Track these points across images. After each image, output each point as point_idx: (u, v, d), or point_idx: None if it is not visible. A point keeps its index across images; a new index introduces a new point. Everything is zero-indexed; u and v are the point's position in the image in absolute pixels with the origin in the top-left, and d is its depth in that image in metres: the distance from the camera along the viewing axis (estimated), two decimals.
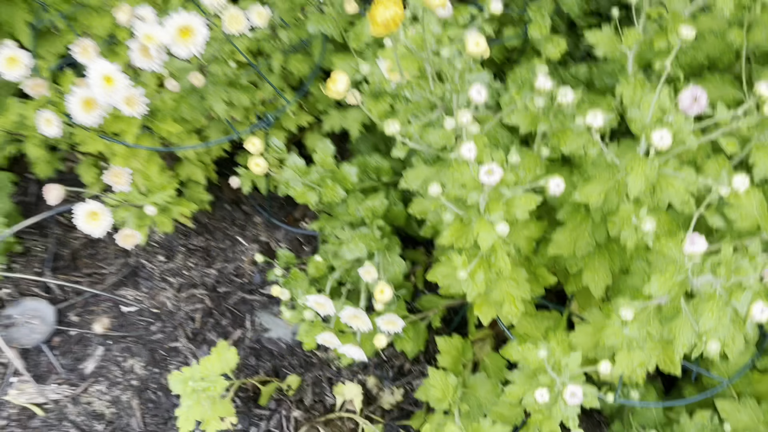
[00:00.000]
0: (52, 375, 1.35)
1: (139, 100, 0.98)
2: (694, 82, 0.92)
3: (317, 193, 1.10)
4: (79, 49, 1.00)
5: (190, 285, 1.47)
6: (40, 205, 1.48)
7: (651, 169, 0.79)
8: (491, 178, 0.78)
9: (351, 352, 1.07)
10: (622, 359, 0.89)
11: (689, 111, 0.77)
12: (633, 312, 0.80)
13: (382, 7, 0.68)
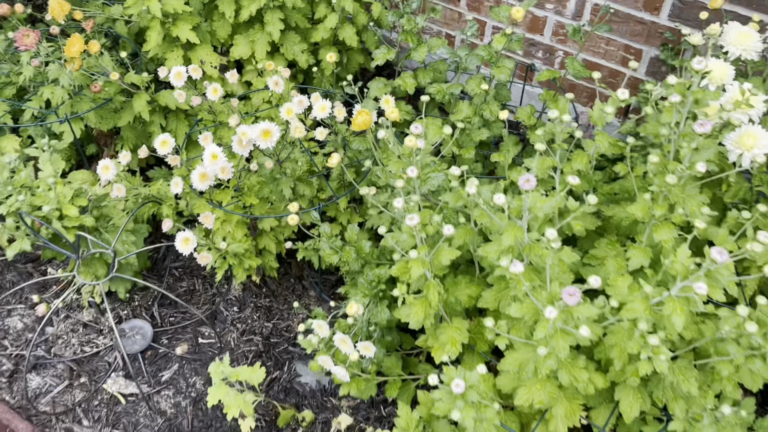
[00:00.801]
0: (139, 376, 1.81)
1: (229, 170, 1.51)
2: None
3: (338, 255, 1.54)
4: (203, 138, 1.57)
5: (251, 332, 1.91)
6: (165, 259, 2.05)
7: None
8: (420, 234, 1.18)
9: (339, 373, 1.43)
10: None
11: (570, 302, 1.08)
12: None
13: (360, 115, 1.16)
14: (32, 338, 1.66)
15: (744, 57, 1.41)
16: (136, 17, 2.01)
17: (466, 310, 1.35)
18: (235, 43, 2.10)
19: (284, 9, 2.03)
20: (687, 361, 1.21)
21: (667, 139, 1.30)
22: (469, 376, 1.18)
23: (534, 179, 1.06)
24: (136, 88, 1.94)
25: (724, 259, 1.02)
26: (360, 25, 2.09)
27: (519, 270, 1.10)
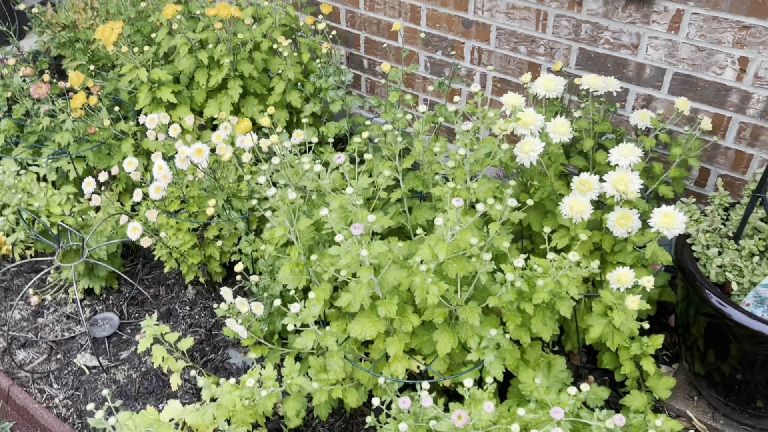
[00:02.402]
0: (102, 355, 2.25)
1: (170, 176, 2.03)
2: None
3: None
4: (154, 156, 2.11)
5: (197, 325, 2.35)
6: (139, 273, 2.54)
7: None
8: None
9: (239, 330, 1.85)
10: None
11: None
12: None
13: (242, 122, 1.68)
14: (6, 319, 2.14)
15: (547, 96, 1.90)
16: (129, 84, 2.64)
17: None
18: (207, 105, 2.69)
19: (244, 78, 2.62)
20: (475, 303, 1.60)
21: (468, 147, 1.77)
22: (314, 311, 1.60)
23: (343, 157, 1.54)
24: (125, 135, 2.53)
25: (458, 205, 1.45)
26: (307, 92, 2.67)
27: (326, 213, 1.55)
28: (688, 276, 1.74)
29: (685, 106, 1.98)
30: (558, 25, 2.28)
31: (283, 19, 2.70)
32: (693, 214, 1.83)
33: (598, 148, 2.12)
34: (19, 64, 2.82)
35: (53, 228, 2.08)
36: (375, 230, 1.64)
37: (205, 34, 2.58)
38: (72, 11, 3.11)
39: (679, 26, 2.03)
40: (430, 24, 2.62)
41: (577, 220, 1.67)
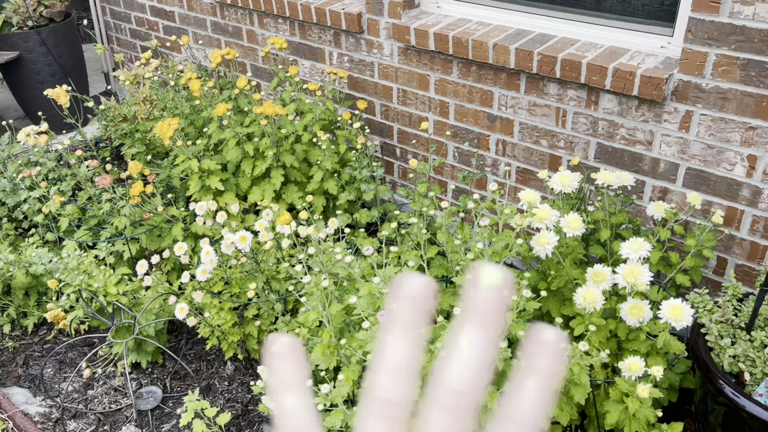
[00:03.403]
0: (146, 427, 2.39)
1: (216, 261, 2.21)
2: None
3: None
4: (203, 242, 2.30)
5: (234, 400, 2.48)
6: (182, 348, 2.71)
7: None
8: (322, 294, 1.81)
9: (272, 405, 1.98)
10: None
11: None
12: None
13: (282, 216, 1.87)
14: (65, 388, 2.31)
15: (563, 191, 2.04)
16: (182, 172, 2.89)
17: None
18: (251, 192, 2.91)
19: (285, 168, 2.85)
20: (494, 388, 1.70)
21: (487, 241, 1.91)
22: (343, 392, 1.72)
23: (372, 249, 1.70)
24: (176, 219, 2.75)
25: None
26: (342, 180, 2.88)
27: (356, 301, 1.69)
28: (702, 366, 1.81)
29: (697, 200, 2.10)
30: (576, 122, 2.45)
31: (323, 114, 2.95)
32: (706, 304, 1.91)
33: (616, 237, 2.23)
34: (84, 153, 3.12)
35: (109, 307, 2.28)
36: None
37: (252, 128, 2.83)
38: (133, 104, 3.44)
39: (689, 125, 2.17)
40: (458, 118, 2.83)
41: (590, 309, 1.77)
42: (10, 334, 2.84)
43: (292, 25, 3.31)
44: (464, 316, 0.31)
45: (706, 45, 2.03)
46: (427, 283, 0.32)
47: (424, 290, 0.32)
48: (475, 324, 0.30)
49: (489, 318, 0.31)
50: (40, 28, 4.30)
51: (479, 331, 0.30)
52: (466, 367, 0.31)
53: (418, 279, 0.32)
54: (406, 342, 0.31)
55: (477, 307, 0.31)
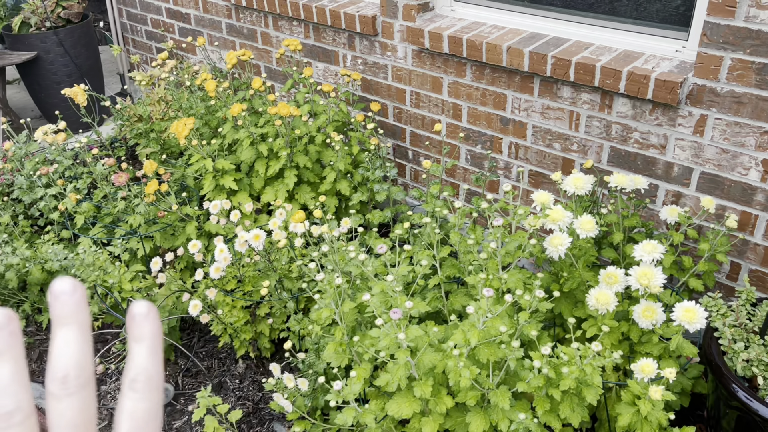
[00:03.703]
0: None
1: (229, 259, 2.23)
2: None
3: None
4: (217, 240, 2.32)
5: (245, 398, 2.49)
6: (194, 346, 2.73)
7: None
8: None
9: (285, 405, 1.99)
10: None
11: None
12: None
13: (297, 214, 1.89)
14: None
15: (577, 193, 2.04)
16: (196, 172, 2.92)
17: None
18: (265, 192, 2.93)
19: (298, 168, 2.87)
20: (506, 388, 1.71)
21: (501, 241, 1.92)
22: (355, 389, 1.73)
23: (385, 248, 1.71)
24: (190, 218, 2.78)
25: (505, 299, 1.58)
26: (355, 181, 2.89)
27: (369, 298, 1.70)
28: (716, 369, 1.81)
29: (711, 204, 2.09)
30: (590, 125, 2.45)
31: (336, 115, 2.97)
32: (719, 308, 1.91)
33: (628, 240, 2.23)
34: (100, 152, 3.16)
35: (123, 303, 2.30)
36: (413, 314, 1.79)
37: (266, 129, 2.85)
38: (148, 104, 3.47)
39: (703, 130, 2.17)
40: (471, 121, 2.84)
41: (603, 311, 1.77)
42: (25, 329, 2.87)
43: (307, 27, 3.33)
44: (55, 323, 0.37)
45: (722, 49, 2.03)
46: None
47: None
48: (62, 326, 0.37)
49: (70, 317, 0.37)
50: (57, 29, 4.35)
51: (67, 330, 0.37)
52: (66, 356, 0.36)
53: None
54: (10, 359, 0.36)
55: (60, 312, 0.37)
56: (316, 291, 1.92)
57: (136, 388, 0.38)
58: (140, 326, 0.38)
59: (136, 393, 0.38)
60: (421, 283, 1.93)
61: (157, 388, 0.38)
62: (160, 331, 0.39)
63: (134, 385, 0.38)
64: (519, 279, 1.82)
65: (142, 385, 0.38)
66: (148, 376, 0.38)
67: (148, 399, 0.38)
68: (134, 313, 0.38)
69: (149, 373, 0.38)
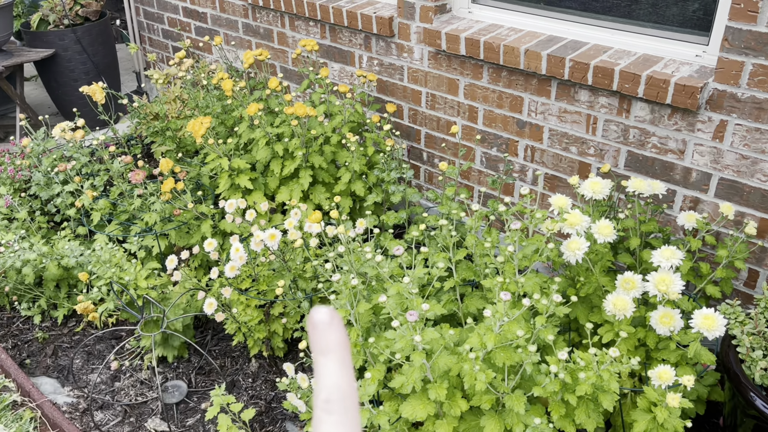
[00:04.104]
0: (170, 420, 2.42)
1: (245, 257, 2.24)
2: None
3: None
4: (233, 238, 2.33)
5: (258, 397, 2.50)
6: (208, 344, 2.74)
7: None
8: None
9: (298, 405, 1.99)
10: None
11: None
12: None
13: (313, 215, 1.88)
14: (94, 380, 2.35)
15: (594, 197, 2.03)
16: (211, 171, 2.93)
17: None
18: (279, 191, 2.94)
19: (314, 169, 2.87)
20: (521, 392, 1.70)
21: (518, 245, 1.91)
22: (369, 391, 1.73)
23: (402, 249, 1.70)
24: (205, 216, 2.79)
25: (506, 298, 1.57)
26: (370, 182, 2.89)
27: (385, 300, 1.70)
28: (733, 377, 1.79)
29: (730, 211, 2.08)
30: (607, 129, 2.44)
31: (352, 116, 2.97)
32: (738, 315, 1.89)
33: (645, 246, 2.21)
34: (116, 150, 3.18)
35: (139, 300, 2.31)
36: (428, 317, 1.78)
37: (282, 128, 2.86)
38: (164, 102, 3.49)
39: (723, 135, 2.15)
40: (487, 123, 2.83)
41: (620, 317, 1.76)
42: (40, 325, 2.89)
43: (323, 27, 3.34)
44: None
45: (743, 54, 2.01)
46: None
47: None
48: (322, 355, 0.37)
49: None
50: (75, 27, 4.39)
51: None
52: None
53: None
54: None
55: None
56: (331, 291, 1.93)
57: (332, 409, 0.35)
58: (324, 336, 0.36)
59: (331, 415, 0.35)
60: (437, 286, 1.92)
61: (353, 407, 0.36)
62: (347, 340, 0.37)
63: (329, 406, 0.35)
64: (536, 283, 1.82)
65: (337, 405, 0.35)
66: (342, 394, 0.36)
67: (346, 421, 0.35)
68: (316, 321, 0.37)
69: (343, 390, 0.36)
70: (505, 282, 1.80)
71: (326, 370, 0.36)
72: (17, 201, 3.04)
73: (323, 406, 0.36)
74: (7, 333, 2.88)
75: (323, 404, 0.36)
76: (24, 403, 2.48)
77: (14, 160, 3.23)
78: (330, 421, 0.35)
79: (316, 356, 0.37)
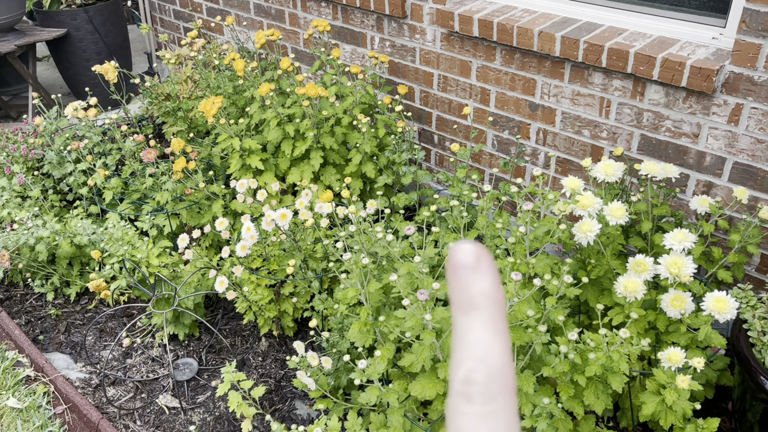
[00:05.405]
0: (182, 397, 2.45)
1: (256, 237, 2.25)
2: None
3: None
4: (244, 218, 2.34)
5: (267, 375, 2.52)
6: (218, 323, 2.76)
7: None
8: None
9: (308, 382, 2.01)
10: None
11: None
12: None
13: (325, 193, 1.88)
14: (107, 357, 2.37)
15: (606, 180, 2.02)
16: (222, 151, 2.93)
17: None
18: (290, 173, 2.94)
19: (324, 150, 2.87)
20: (530, 372, 1.70)
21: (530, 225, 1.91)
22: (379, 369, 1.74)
23: (413, 229, 1.71)
24: (216, 196, 2.80)
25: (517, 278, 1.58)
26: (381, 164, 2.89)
27: (396, 279, 1.70)
28: (743, 361, 1.79)
29: (744, 195, 2.06)
30: (621, 112, 2.42)
31: (363, 98, 2.96)
32: (749, 300, 1.89)
33: (657, 230, 2.20)
34: (128, 130, 3.19)
35: (150, 278, 2.33)
36: (438, 297, 1.79)
37: (293, 109, 2.86)
38: (176, 83, 3.49)
39: (738, 119, 2.13)
40: (499, 106, 2.81)
41: (631, 299, 1.76)
42: (53, 302, 2.92)
43: (335, 8, 3.32)
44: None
45: (761, 37, 1.99)
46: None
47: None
48: (464, 312, 0.26)
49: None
50: (87, 6, 4.38)
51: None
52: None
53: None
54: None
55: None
56: (342, 271, 1.93)
57: (474, 394, 0.25)
58: (469, 285, 0.25)
59: (473, 404, 0.25)
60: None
61: (507, 392, 0.25)
62: (501, 291, 0.26)
63: (469, 389, 0.25)
64: (547, 264, 1.81)
65: (482, 389, 0.25)
66: (489, 372, 0.25)
67: (496, 414, 0.24)
68: (458, 263, 0.25)
69: (491, 366, 0.25)
70: (515, 263, 1.80)
71: (469, 335, 0.25)
72: (30, 179, 3.07)
73: (461, 388, 0.25)
74: (21, 309, 2.91)
75: (461, 386, 0.25)
76: (37, 378, 2.52)
77: (27, 138, 3.25)
78: (471, 412, 0.24)
79: (456, 313, 0.26)
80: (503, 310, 0.26)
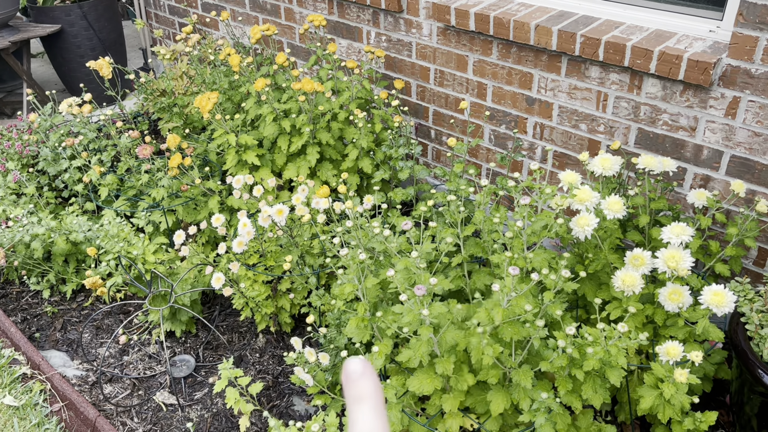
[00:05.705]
0: (179, 394, 2.44)
1: (252, 233, 2.24)
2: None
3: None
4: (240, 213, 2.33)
5: (265, 372, 2.51)
6: (215, 319, 2.75)
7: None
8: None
9: (306, 378, 2.00)
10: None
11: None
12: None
13: (322, 189, 1.88)
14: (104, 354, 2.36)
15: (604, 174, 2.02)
16: (218, 147, 2.92)
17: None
18: (287, 168, 2.93)
19: (321, 145, 2.86)
20: (528, 367, 1.70)
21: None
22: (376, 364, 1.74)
23: (410, 224, 1.70)
24: (212, 192, 2.79)
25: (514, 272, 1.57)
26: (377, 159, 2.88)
27: (393, 274, 1.69)
28: (741, 354, 1.79)
29: (741, 188, 2.06)
30: (618, 106, 2.41)
31: (360, 93, 2.95)
32: (747, 293, 1.88)
33: (655, 224, 2.20)
34: (124, 126, 3.17)
35: (147, 274, 2.32)
36: (436, 292, 1.78)
37: (289, 104, 2.84)
38: (171, 78, 3.48)
39: (735, 112, 2.12)
40: (495, 100, 2.80)
41: (629, 293, 1.76)
42: (49, 299, 2.91)
43: (331, 3, 3.31)
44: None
45: (758, 29, 1.98)
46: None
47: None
48: (355, 403, 0.38)
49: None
50: (81, 2, 4.36)
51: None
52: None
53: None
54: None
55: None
56: (339, 266, 1.93)
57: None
58: (358, 386, 0.38)
59: None
60: (445, 261, 1.92)
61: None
62: (381, 388, 0.38)
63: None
64: (544, 258, 1.81)
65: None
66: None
67: None
68: (349, 371, 0.38)
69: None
70: (513, 257, 1.80)
71: (361, 416, 0.37)
72: (25, 176, 3.05)
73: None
74: (17, 307, 2.90)
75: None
76: (34, 376, 2.51)
77: (22, 135, 3.23)
78: None
79: (350, 405, 0.38)
80: (383, 402, 0.39)
